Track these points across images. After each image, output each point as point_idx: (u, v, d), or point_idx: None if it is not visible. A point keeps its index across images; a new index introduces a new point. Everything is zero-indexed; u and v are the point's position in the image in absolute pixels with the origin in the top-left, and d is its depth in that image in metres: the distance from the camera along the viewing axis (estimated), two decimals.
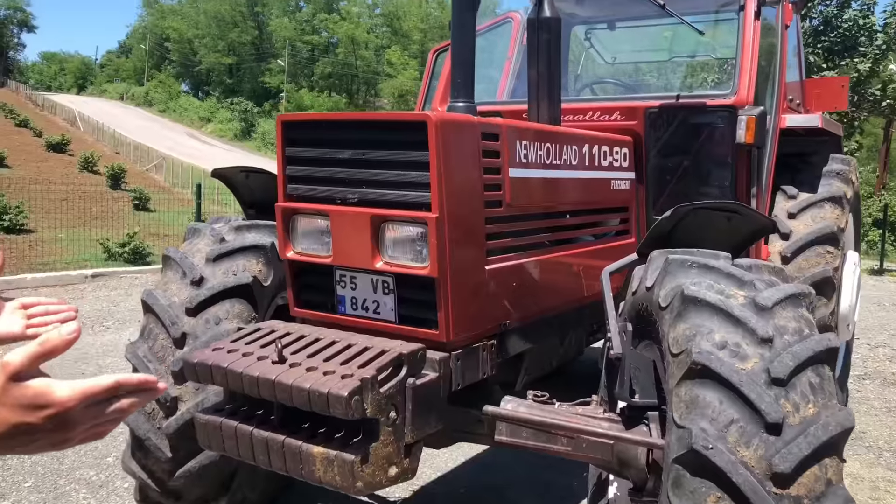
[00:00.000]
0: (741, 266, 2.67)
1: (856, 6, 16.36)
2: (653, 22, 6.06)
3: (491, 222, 2.99)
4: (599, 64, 6.66)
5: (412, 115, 2.70)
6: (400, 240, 2.79)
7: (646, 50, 6.74)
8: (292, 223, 3.06)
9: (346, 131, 2.87)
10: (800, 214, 4.72)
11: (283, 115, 3.03)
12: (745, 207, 3.12)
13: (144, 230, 20.97)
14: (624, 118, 4.33)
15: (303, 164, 3.01)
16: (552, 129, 3.49)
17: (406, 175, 2.74)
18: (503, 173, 3.04)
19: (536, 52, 3.59)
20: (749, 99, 4.00)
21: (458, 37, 3.01)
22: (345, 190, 2.90)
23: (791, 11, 4.95)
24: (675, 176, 4.37)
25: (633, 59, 6.91)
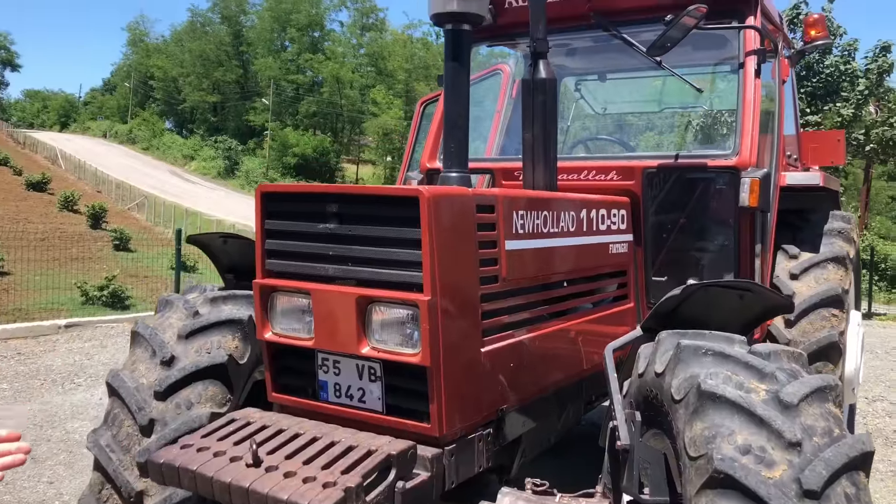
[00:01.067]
0: (760, 354, 2.46)
1: (837, 52, 16.58)
2: (644, 73, 5.96)
3: (486, 300, 2.78)
4: (590, 115, 6.54)
5: (403, 190, 2.49)
6: (388, 323, 2.57)
7: (637, 101, 6.64)
8: (271, 301, 2.83)
9: (331, 204, 2.66)
10: (802, 275, 4.54)
11: (263, 186, 2.81)
12: (758, 286, 2.92)
13: (124, 271, 20.63)
14: (621, 178, 4.15)
15: (283, 237, 2.79)
16: (549, 195, 3.30)
17: (396, 253, 2.53)
18: (499, 247, 2.83)
19: (531, 113, 3.41)
20: (752, 160, 3.84)
21: (450, 100, 2.83)
22: (328, 267, 2.68)
23: (787, 66, 4.84)
24: (674, 237, 4.19)
25: (624, 109, 6.79)
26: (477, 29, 4.84)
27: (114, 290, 17.11)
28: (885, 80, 16.89)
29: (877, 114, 17.46)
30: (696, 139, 7.16)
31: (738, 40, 4.15)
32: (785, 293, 4.48)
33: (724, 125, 7.94)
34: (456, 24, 2.79)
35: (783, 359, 2.49)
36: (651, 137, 8.61)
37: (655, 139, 8.36)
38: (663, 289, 4.30)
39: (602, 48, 5.20)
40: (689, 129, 7.34)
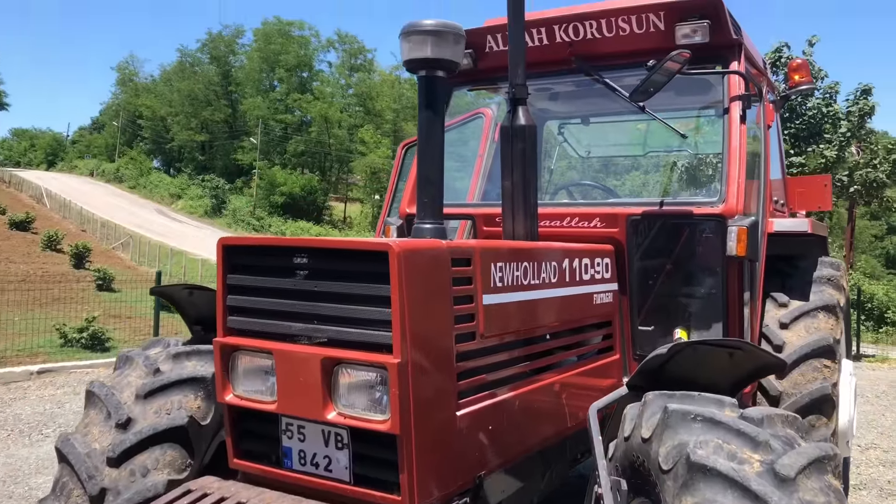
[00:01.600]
0: (752, 419, 2.30)
1: (819, 95, 16.77)
2: (628, 117, 5.90)
3: (463, 359, 2.62)
4: (574, 157, 6.46)
5: (371, 244, 2.34)
6: (356, 386, 2.40)
7: (621, 144, 6.57)
8: (232, 361, 2.66)
9: (296, 257, 2.50)
10: (792, 325, 4.41)
11: (225, 239, 2.66)
12: (749, 345, 2.79)
13: (106, 312, 20.24)
14: (605, 225, 4.03)
15: (247, 293, 2.63)
16: (529, 245, 3.17)
17: (364, 311, 2.37)
18: (476, 301, 2.68)
19: (511, 161, 3.29)
20: (738, 208, 3.73)
21: (424, 150, 2.71)
22: (293, 325, 2.52)
23: (772, 111, 4.78)
24: (661, 286, 4.06)
25: (608, 153, 6.73)
26: (458, 73, 4.83)
27: (94, 331, 16.71)
28: (867, 122, 17.09)
29: (859, 155, 17.60)
30: (681, 182, 7.09)
31: (722, 85, 4.07)
32: (775, 343, 4.34)
33: (709, 167, 7.90)
34: (430, 71, 2.67)
35: (777, 424, 2.34)
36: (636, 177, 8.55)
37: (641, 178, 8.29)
38: (650, 339, 4.15)
39: (585, 92, 5.13)
40: (673, 171, 7.28)
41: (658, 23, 4.08)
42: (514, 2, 3.27)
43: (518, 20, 3.29)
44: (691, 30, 3.98)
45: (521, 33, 3.33)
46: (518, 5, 3.28)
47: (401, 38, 2.65)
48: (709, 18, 3.93)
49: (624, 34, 4.21)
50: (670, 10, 4.02)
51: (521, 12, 3.30)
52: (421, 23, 2.60)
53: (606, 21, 4.21)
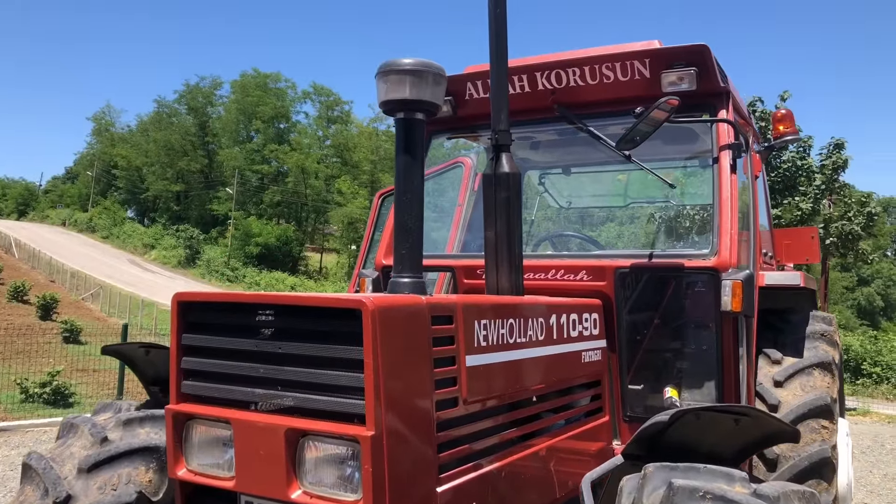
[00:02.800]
0: (768, 497, 2.07)
1: (792, 148, 16.97)
2: (609, 167, 5.78)
3: (444, 428, 2.36)
4: (554, 208, 6.31)
5: (343, 300, 2.11)
6: (324, 461, 2.13)
7: (602, 195, 6.44)
8: (186, 431, 2.38)
9: (260, 315, 2.26)
10: (787, 383, 4.21)
11: (180, 294, 2.41)
12: (756, 411, 2.56)
13: (71, 366, 19.58)
14: (592, 278, 3.83)
15: (204, 355, 2.36)
16: (514, 300, 2.95)
17: (334, 376, 2.12)
18: (459, 363, 2.44)
19: (494, 209, 3.09)
20: (732, 261, 3.55)
21: (402, 198, 2.49)
22: (256, 391, 2.25)
23: (759, 162, 4.66)
24: (651, 342, 3.85)
25: (589, 203, 6.59)
26: (437, 121, 4.68)
27: (57, 386, 16.11)
28: (840, 175, 17.31)
29: (830, 208, 17.78)
30: (662, 234, 6.95)
31: (709, 135, 3.94)
32: (769, 402, 4.13)
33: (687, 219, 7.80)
34: (408, 113, 2.48)
35: (793, 500, 2.11)
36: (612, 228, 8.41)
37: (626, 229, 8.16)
38: (640, 398, 3.92)
39: (567, 141, 5.00)
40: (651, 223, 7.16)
41: (643, 70, 3.96)
42: (498, 45, 3.11)
43: (501, 64, 3.14)
44: (678, 77, 3.87)
45: (504, 77, 3.17)
46: (501, 49, 3.13)
47: (377, 77, 2.46)
48: (696, 66, 3.82)
49: (608, 82, 4.08)
50: (656, 57, 3.91)
51: (505, 56, 3.15)
52: (399, 61, 2.42)
53: (590, 68, 4.09)
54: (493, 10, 3.13)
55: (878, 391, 21.72)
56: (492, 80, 3.17)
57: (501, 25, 3.08)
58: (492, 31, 3.10)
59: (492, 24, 3.11)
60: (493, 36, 3.11)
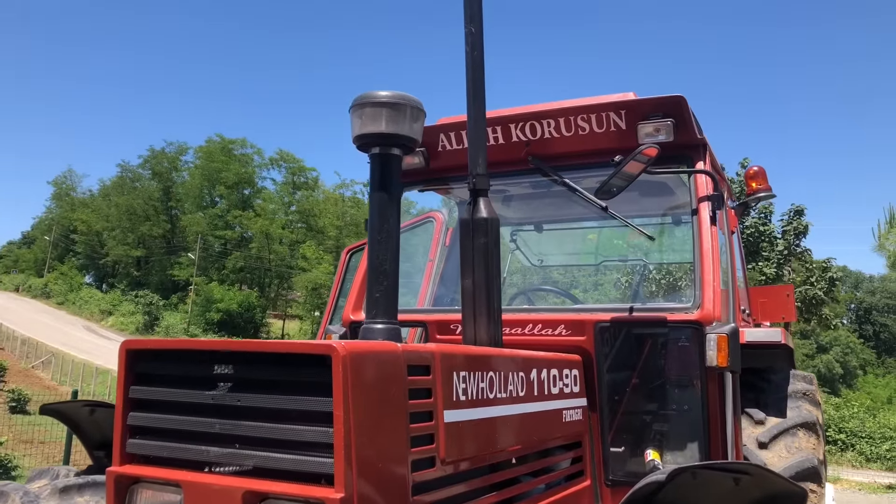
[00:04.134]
0: None
1: (754, 214, 17.33)
2: (583, 223, 5.71)
3: (420, 491, 2.13)
4: (526, 267, 6.19)
5: (310, 346, 1.91)
6: None
7: (574, 253, 6.36)
8: (130, 497, 2.11)
9: (216, 365, 2.03)
10: (772, 444, 4.06)
11: (129, 342, 2.18)
12: (759, 468, 2.38)
13: (17, 437, 18.65)
14: (570, 333, 3.66)
15: (153, 409, 2.12)
16: (494, 352, 2.76)
17: (299, 431, 1.90)
18: (437, 419, 2.23)
19: (472, 258, 2.93)
20: (716, 314, 3.43)
21: (376, 238, 2.32)
22: (210, 450, 2.01)
23: (735, 218, 4.61)
24: (633, 401, 3.67)
25: (562, 262, 6.48)
26: (408, 173, 4.56)
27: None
28: (801, 241, 17.66)
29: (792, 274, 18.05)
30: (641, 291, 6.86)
31: (685, 189, 3.87)
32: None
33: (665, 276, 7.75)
34: (384, 149, 2.34)
35: None
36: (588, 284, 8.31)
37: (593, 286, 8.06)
38: (622, 461, 3.72)
39: (540, 196, 4.91)
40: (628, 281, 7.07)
41: (619, 122, 3.91)
42: (475, 88, 3.01)
43: (479, 107, 3.03)
44: (654, 129, 3.82)
45: (482, 121, 3.06)
46: (479, 92, 3.02)
47: (352, 111, 2.32)
48: (672, 117, 3.77)
49: (583, 133, 4.02)
50: (632, 108, 3.86)
51: (482, 99, 3.05)
52: (375, 94, 2.29)
53: (565, 120, 4.02)
54: (471, 52, 3.04)
55: (845, 458, 21.68)
56: (469, 124, 3.05)
57: (478, 68, 2.99)
58: (469, 74, 3.01)
59: (469, 66, 3.02)
60: (470, 79, 3.01)
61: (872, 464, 21.71)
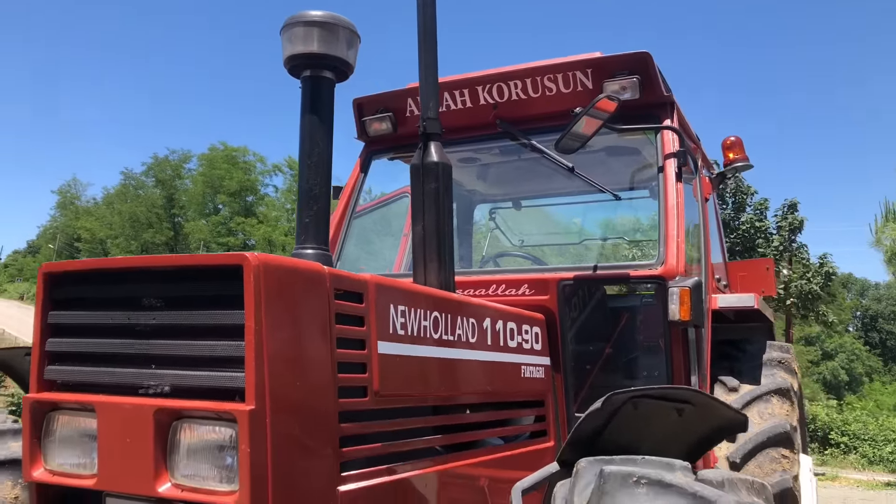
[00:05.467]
0: (710, 482, 1.80)
1: (750, 211, 17.24)
2: (561, 200, 5.64)
3: (349, 419, 2.06)
4: (506, 246, 6.12)
5: (222, 257, 1.84)
6: (199, 448, 1.82)
7: (555, 232, 6.28)
8: (48, 424, 2.04)
9: (130, 284, 1.97)
10: (745, 410, 3.97)
11: (46, 265, 2.12)
12: (702, 395, 2.30)
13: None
14: (533, 292, 3.59)
15: (72, 334, 2.06)
16: (443, 294, 2.69)
17: (212, 346, 1.83)
18: (370, 348, 2.16)
19: (422, 203, 2.86)
20: (679, 269, 3.35)
21: (307, 162, 2.27)
22: (126, 371, 1.94)
23: (709, 185, 4.54)
24: (597, 360, 3.60)
25: (542, 241, 6.41)
26: (377, 139, 4.50)
27: None
28: (797, 237, 17.56)
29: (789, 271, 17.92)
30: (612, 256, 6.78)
31: (654, 144, 3.81)
32: None
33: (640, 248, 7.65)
34: (315, 70, 2.28)
35: (741, 490, 1.84)
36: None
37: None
38: None
39: (516, 167, 4.84)
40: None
41: (585, 81, 3.85)
42: (426, 29, 2.93)
43: (430, 50, 2.95)
44: (620, 86, 3.76)
45: (433, 64, 2.98)
46: (430, 34, 2.94)
47: (282, 32, 2.26)
48: (638, 74, 3.72)
49: (551, 94, 3.96)
50: (597, 66, 3.81)
51: (433, 40, 2.96)
52: (306, 13, 2.23)
53: (531, 80, 3.97)
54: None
55: (847, 461, 21.45)
56: (420, 65, 2.97)
57: (429, 6, 2.92)
58: (420, 13, 2.92)
59: (419, 4, 2.93)
60: (421, 19, 2.92)
61: (875, 466, 21.46)
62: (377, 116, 4.30)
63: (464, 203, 5.53)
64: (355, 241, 4.52)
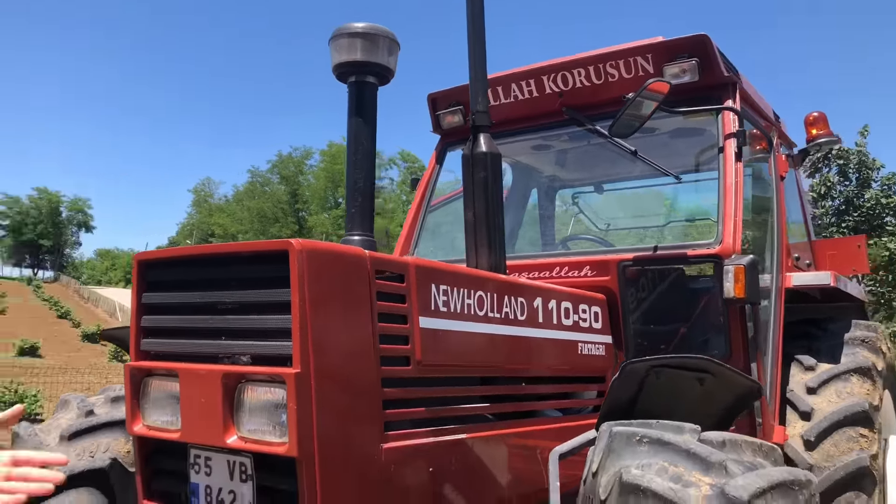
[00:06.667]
0: (710, 442, 1.93)
1: (876, 186, 16.16)
2: (643, 183, 5.67)
3: (392, 384, 2.33)
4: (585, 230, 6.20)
5: (271, 244, 2.15)
6: (259, 406, 2.14)
7: (642, 215, 6.30)
8: (144, 388, 2.44)
9: (202, 269, 2.32)
10: (821, 389, 3.94)
11: (140, 254, 2.51)
12: (719, 365, 2.40)
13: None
14: (595, 273, 3.73)
15: (160, 312, 2.44)
16: (489, 275, 2.90)
17: (267, 320, 2.15)
18: (412, 323, 2.41)
19: (472, 191, 3.08)
20: (736, 248, 3.40)
21: (353, 160, 2.54)
22: (203, 343, 2.30)
23: (785, 163, 4.48)
24: (658, 340, 3.69)
25: (629, 224, 6.44)
26: (451, 132, 4.74)
27: None
28: None
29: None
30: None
31: (715, 126, 3.84)
32: (801, 409, 3.88)
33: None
34: (360, 76, 2.55)
35: (745, 451, 1.96)
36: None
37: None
38: None
39: (592, 154, 4.95)
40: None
41: (646, 65, 3.93)
42: (475, 25, 3.12)
43: (478, 43, 3.14)
44: (680, 69, 3.82)
45: (481, 57, 3.16)
46: (479, 31, 3.14)
47: (330, 43, 2.54)
48: (697, 56, 3.76)
49: (613, 80, 4.06)
50: (657, 51, 3.88)
51: (482, 33, 3.15)
52: (350, 25, 2.50)
53: (594, 68, 4.09)
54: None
55: None
56: (469, 58, 3.17)
57: (478, 2, 3.10)
58: (469, 9, 3.11)
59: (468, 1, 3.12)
60: (470, 14, 3.10)
61: None
62: (450, 110, 4.55)
63: (543, 188, 5.68)
64: (430, 233, 4.79)
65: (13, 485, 1.40)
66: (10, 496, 1.39)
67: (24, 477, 1.44)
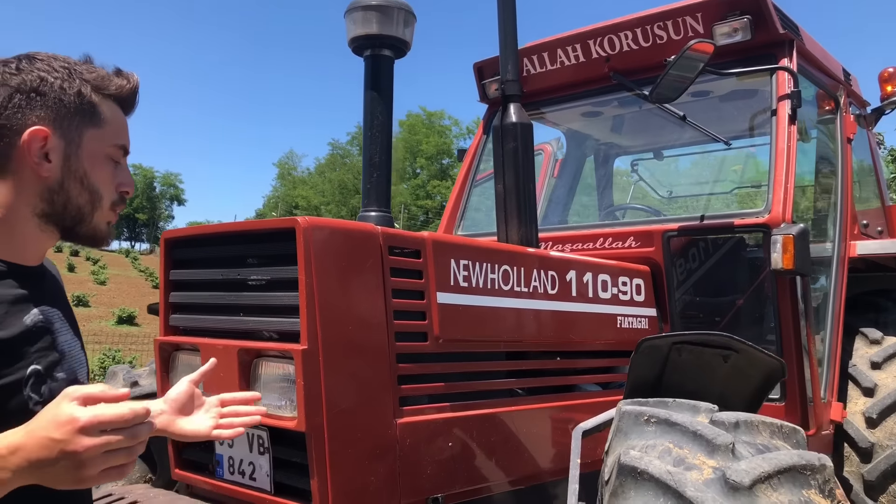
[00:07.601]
0: (722, 423, 1.85)
1: None
2: (704, 148, 5.43)
3: (408, 360, 2.33)
4: (654, 199, 6.01)
5: (279, 222, 2.17)
6: (272, 381, 2.19)
7: (705, 182, 6.05)
8: (172, 362, 2.52)
9: (222, 247, 2.37)
10: (886, 364, 3.74)
11: (168, 232, 2.58)
12: (741, 343, 2.28)
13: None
14: (639, 244, 3.61)
15: (186, 289, 2.51)
16: (515, 248, 2.85)
17: (279, 297, 2.17)
18: (429, 298, 2.40)
19: (502, 163, 3.02)
20: (786, 216, 3.22)
21: (369, 135, 2.52)
22: (223, 318, 2.35)
23: (853, 124, 4.19)
24: (705, 313, 3.56)
25: (691, 192, 6.21)
26: (497, 101, 4.63)
27: None
28: None
29: None
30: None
31: (770, 87, 3.62)
32: (864, 385, 3.70)
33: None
34: (375, 50, 2.52)
35: (761, 433, 1.86)
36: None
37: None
38: None
39: (648, 120, 4.77)
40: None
41: (696, 25, 3.73)
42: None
43: (508, 13, 3.07)
44: (731, 28, 3.60)
45: (512, 27, 3.09)
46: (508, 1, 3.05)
47: (345, 16, 2.52)
48: (750, 14, 3.54)
49: (661, 42, 3.88)
50: (707, 9, 3.67)
51: (513, 8, 3.08)
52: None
53: (642, 30, 3.91)
54: None
55: None
56: (499, 28, 3.10)
57: None
58: None
59: None
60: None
61: None
62: (495, 78, 4.45)
63: (600, 156, 5.53)
64: (476, 204, 4.74)
65: (230, 420, 1.60)
66: (230, 430, 1.57)
67: (235, 413, 1.62)
